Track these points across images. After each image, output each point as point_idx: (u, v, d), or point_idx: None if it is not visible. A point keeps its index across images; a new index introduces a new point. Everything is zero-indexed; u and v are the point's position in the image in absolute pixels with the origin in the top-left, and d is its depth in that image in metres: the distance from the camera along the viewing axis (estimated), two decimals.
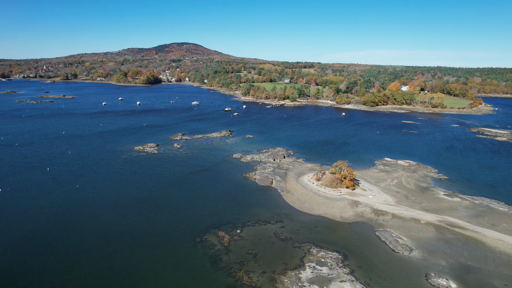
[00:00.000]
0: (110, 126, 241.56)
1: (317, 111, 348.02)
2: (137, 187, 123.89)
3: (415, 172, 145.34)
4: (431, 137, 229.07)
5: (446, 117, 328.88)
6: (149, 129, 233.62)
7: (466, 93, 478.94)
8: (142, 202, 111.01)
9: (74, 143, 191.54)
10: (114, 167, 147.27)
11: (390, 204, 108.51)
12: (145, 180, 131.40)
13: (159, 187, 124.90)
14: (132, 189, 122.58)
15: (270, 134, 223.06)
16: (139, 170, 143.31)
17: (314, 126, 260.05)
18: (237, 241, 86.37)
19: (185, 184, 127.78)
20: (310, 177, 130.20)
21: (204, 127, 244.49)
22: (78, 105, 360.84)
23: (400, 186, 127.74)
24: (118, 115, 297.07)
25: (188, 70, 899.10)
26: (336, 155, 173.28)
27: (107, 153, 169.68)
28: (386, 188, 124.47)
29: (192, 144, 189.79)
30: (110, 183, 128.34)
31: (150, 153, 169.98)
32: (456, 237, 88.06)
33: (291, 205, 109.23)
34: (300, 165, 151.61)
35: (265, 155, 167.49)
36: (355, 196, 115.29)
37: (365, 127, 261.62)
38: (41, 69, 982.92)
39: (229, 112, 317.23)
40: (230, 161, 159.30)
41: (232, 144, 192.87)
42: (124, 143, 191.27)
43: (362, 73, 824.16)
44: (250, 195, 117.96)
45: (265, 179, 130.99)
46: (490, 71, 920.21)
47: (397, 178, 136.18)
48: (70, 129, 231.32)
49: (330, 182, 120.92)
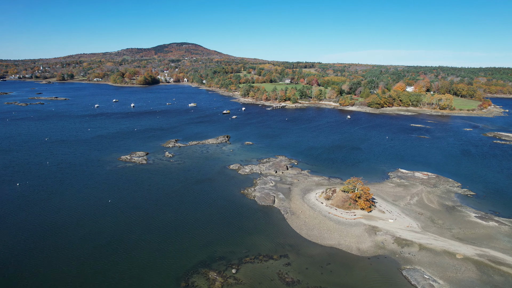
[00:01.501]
0: (98, 131, 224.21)
1: (320, 114, 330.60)
2: (117, 208, 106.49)
3: (436, 186, 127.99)
4: (444, 143, 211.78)
5: (456, 120, 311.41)
6: (140, 134, 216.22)
7: (474, 94, 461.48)
8: (120, 230, 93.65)
9: (56, 151, 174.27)
10: (95, 182, 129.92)
11: (415, 231, 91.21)
12: (128, 199, 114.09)
13: (143, 208, 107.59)
14: (111, 211, 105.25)
15: (271, 140, 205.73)
16: (123, 186, 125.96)
17: (318, 130, 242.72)
18: (231, 286, 69.10)
19: (173, 204, 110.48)
20: (318, 195, 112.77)
21: (200, 132, 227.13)
22: (69, 107, 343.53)
23: (422, 205, 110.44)
24: (109, 118, 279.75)
25: (187, 70, 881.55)
26: (344, 166, 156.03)
27: (91, 164, 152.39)
28: (407, 208, 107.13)
29: (185, 153, 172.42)
30: (87, 203, 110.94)
31: (138, 163, 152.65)
32: (506, 279, 70.81)
33: (297, 232, 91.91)
34: (306, 178, 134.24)
35: (266, 165, 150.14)
36: (372, 219, 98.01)
37: (373, 131, 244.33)
38: (38, 69, 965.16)
39: (227, 115, 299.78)
40: (227, 173, 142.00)
41: (230, 152, 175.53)
42: (111, 151, 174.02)
43: (364, 73, 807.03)
44: (249, 218, 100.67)
45: (266, 196, 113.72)
46: (495, 71, 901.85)
47: (417, 194, 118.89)
48: (55, 134, 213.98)
49: (342, 202, 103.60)
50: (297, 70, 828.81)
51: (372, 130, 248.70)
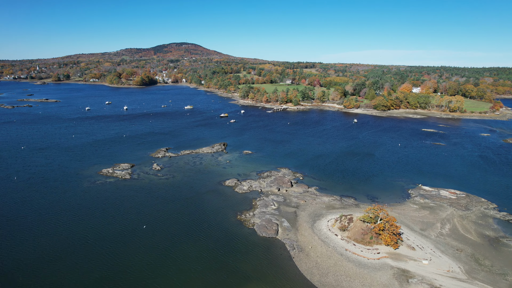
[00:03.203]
0: (83, 138, 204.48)
1: (324, 117, 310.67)
2: (83, 245, 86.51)
3: (468, 209, 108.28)
4: (463, 151, 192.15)
5: (469, 124, 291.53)
6: (128, 142, 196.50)
7: (483, 95, 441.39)
8: (78, 274, 74.15)
9: (31, 161, 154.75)
10: (67, 203, 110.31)
11: (458, 278, 71.56)
12: (100, 228, 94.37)
13: (117, 241, 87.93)
14: (77, 248, 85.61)
15: (273, 148, 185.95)
16: (98, 209, 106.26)
17: (323, 136, 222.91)
18: None
19: (154, 236, 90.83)
20: (331, 224, 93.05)
21: (194, 139, 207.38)
22: (58, 110, 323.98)
23: (458, 236, 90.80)
24: (99, 123, 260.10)
25: (186, 70, 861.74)
26: (357, 180, 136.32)
27: (66, 179, 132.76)
28: (441, 241, 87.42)
29: (176, 164, 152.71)
30: (51, 233, 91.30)
31: (120, 178, 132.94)
32: None
33: (307, 279, 72.23)
34: (314, 198, 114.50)
35: (267, 181, 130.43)
36: (401, 259, 78.35)
37: (383, 136, 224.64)
38: (34, 70, 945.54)
39: (225, 119, 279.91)
40: (221, 191, 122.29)
41: (226, 163, 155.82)
42: (93, 162, 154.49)
43: (366, 73, 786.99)
44: (247, 256, 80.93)
45: (268, 224, 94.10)
46: (500, 71, 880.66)
47: (448, 221, 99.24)
48: (35, 141, 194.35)
49: (361, 236, 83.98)
50: (298, 71, 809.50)
51: (382, 135, 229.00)
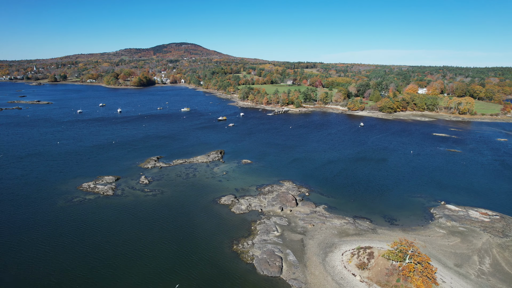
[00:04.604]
0: (69, 145, 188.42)
1: (329, 120, 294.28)
2: (47, 282, 70.72)
3: (507, 235, 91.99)
4: (482, 158, 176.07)
5: (482, 127, 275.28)
6: (117, 149, 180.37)
7: (492, 96, 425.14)
8: None
9: (5, 173, 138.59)
10: (35, 229, 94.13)
11: None
12: (67, 266, 78.28)
13: (87, 280, 71.91)
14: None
15: (274, 157, 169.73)
16: (70, 236, 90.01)
17: (328, 141, 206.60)
18: None
19: (132, 276, 74.75)
20: (347, 260, 76.75)
21: (189, 145, 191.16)
22: (48, 113, 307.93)
23: (503, 274, 74.58)
24: (89, 126, 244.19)
25: (185, 71, 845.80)
26: (370, 196, 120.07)
27: (40, 196, 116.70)
28: (483, 283, 71.17)
29: (166, 177, 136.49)
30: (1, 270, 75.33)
31: (102, 195, 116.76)
32: None
33: None
34: (323, 221, 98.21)
35: (268, 198, 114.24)
36: None
37: (393, 142, 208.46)
38: (31, 70, 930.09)
39: (223, 123, 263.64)
40: (216, 211, 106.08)
41: (222, 175, 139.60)
42: (75, 174, 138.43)
43: (368, 74, 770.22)
44: None
45: (270, 258, 77.91)
46: (505, 70, 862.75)
47: (486, 252, 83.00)
48: (15, 148, 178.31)
49: (385, 277, 67.80)
50: (298, 71, 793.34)
51: (392, 140, 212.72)
